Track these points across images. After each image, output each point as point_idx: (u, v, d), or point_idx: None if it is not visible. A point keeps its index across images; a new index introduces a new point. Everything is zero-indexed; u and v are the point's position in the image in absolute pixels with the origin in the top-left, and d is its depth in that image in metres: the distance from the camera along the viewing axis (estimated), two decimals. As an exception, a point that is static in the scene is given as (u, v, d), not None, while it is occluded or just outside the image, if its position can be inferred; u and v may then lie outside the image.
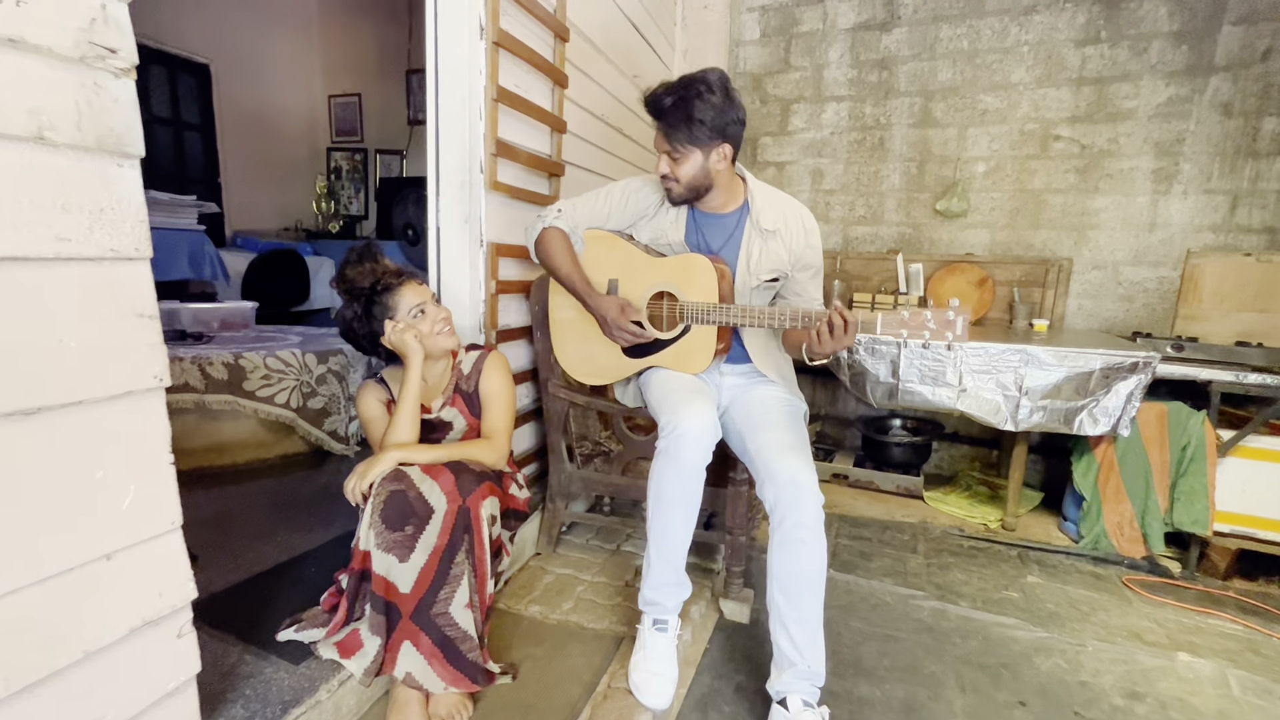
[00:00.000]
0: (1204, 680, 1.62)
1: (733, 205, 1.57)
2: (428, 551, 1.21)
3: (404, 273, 1.44)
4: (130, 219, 0.84)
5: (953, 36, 2.98)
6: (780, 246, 1.54)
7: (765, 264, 1.54)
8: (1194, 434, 2.16)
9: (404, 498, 1.21)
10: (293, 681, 1.17)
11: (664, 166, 1.46)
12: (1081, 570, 2.21)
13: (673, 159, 1.44)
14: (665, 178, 1.47)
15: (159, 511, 0.91)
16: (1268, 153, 2.57)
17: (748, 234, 1.55)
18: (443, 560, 1.21)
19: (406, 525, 1.20)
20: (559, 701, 1.34)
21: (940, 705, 1.49)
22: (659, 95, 1.40)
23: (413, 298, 1.40)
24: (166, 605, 0.92)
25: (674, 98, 1.38)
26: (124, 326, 0.85)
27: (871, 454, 2.99)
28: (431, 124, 1.71)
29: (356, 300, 1.41)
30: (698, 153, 1.42)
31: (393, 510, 1.21)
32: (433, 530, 1.23)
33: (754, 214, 1.54)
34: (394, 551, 1.20)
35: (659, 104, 1.40)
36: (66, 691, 0.82)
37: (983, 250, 3.05)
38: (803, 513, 1.27)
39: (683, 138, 1.40)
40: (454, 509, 1.23)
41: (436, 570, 1.21)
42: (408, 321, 1.38)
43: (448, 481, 1.25)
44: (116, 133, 0.82)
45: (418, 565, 1.20)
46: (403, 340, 1.36)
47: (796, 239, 1.55)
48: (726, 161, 1.46)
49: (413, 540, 1.20)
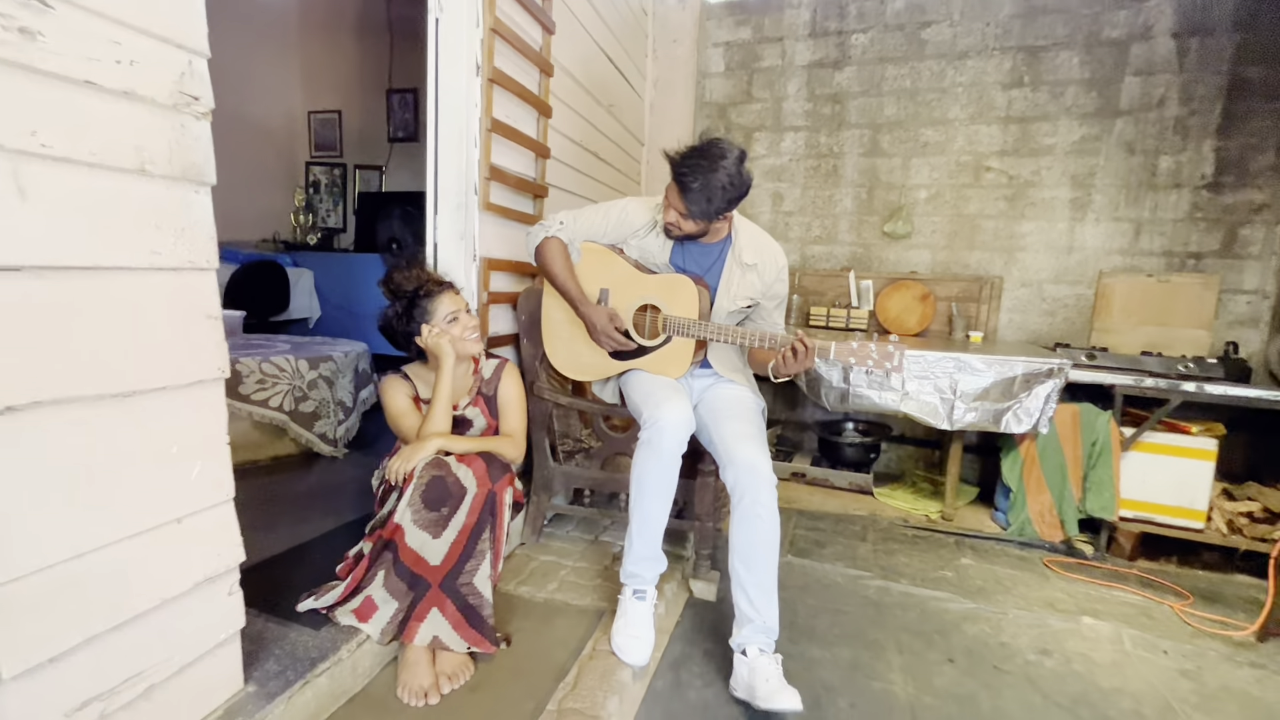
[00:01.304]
0: (1103, 639, 1.88)
1: (718, 238, 1.78)
2: (458, 529, 1.38)
3: (444, 282, 1.61)
4: (203, 235, 1.01)
5: (897, 76, 3.30)
6: (756, 279, 1.77)
7: (743, 292, 1.77)
8: (1101, 431, 2.46)
9: (443, 482, 1.38)
10: (316, 643, 1.32)
11: (672, 216, 1.65)
12: (1009, 554, 2.48)
13: (682, 218, 1.63)
14: (671, 224, 1.67)
15: (218, 484, 1.07)
16: (1164, 186, 2.94)
17: (729, 265, 1.78)
18: (471, 537, 1.39)
19: (443, 506, 1.37)
20: (550, 663, 1.52)
21: (881, 663, 1.71)
22: (685, 174, 1.54)
23: (449, 305, 1.57)
24: (222, 564, 1.08)
25: (699, 182, 1.53)
26: (197, 326, 1.01)
27: (827, 454, 3.25)
28: (431, 151, 1.89)
29: (399, 300, 1.58)
30: (705, 222, 1.64)
31: (433, 493, 1.38)
32: (464, 511, 1.40)
33: (737, 248, 1.77)
34: (429, 529, 1.37)
35: (685, 183, 1.56)
36: (147, 632, 0.97)
37: (925, 269, 3.36)
38: (759, 492, 1.49)
39: (698, 214, 1.60)
40: (483, 492, 1.41)
41: (465, 545, 1.38)
42: (442, 326, 1.55)
43: (480, 468, 1.43)
44: (197, 165, 0.99)
45: (449, 540, 1.37)
46: (439, 344, 1.53)
47: (769, 273, 1.79)
48: (727, 223, 1.71)
49: (446, 519, 1.37)
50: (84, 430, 0.86)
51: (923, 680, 1.64)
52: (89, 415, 0.87)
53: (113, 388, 0.89)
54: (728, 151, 1.55)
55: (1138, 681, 1.69)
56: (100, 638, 0.90)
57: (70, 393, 0.84)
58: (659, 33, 3.65)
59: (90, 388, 0.86)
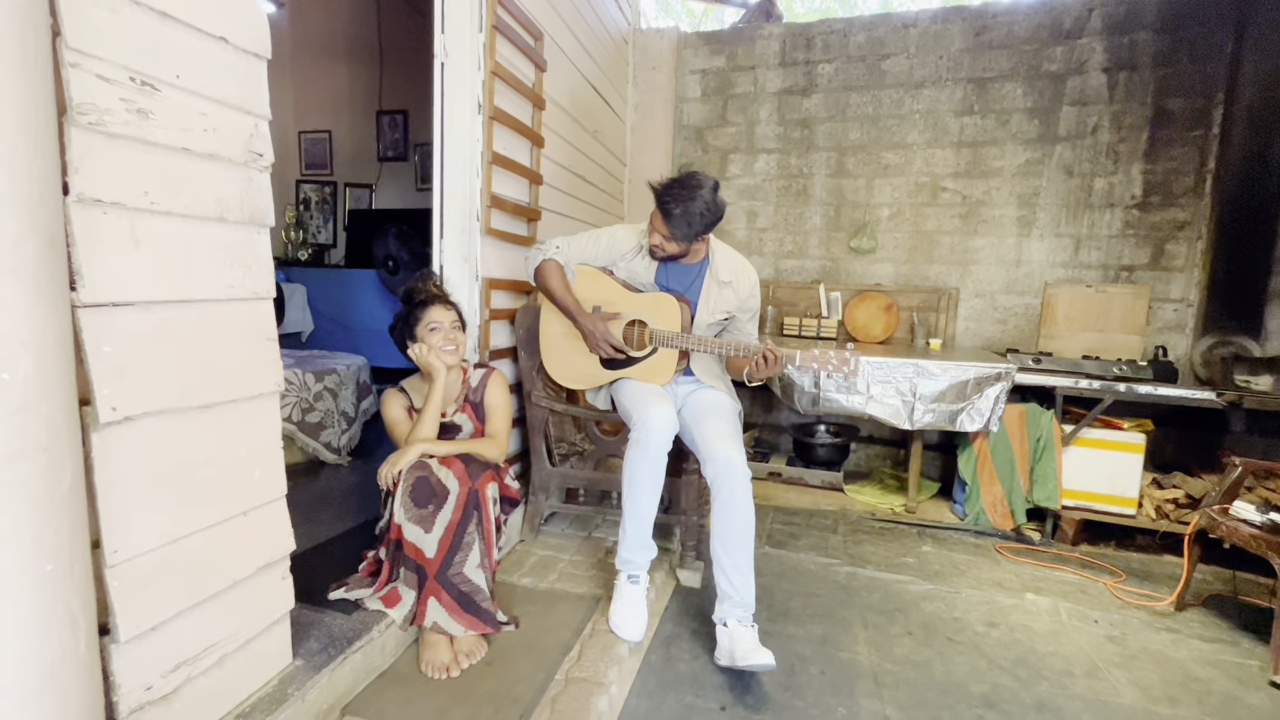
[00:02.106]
0: (1042, 611, 2.13)
1: (697, 259, 2.00)
2: (445, 524, 1.55)
3: (440, 296, 1.78)
4: (265, 269, 1.19)
5: (860, 103, 3.57)
6: (731, 295, 2.00)
7: (720, 306, 2.00)
8: (1045, 429, 2.73)
9: (427, 482, 1.56)
10: (349, 625, 1.49)
11: (656, 239, 1.87)
12: (965, 542, 2.73)
13: (665, 240, 1.86)
14: (655, 246, 1.88)
15: (274, 482, 1.24)
16: (1099, 205, 3.24)
17: (708, 283, 2.00)
18: (457, 531, 1.56)
19: (429, 504, 1.54)
20: (555, 641, 1.70)
21: (848, 637, 1.93)
22: (668, 201, 1.77)
23: (434, 315, 1.74)
24: (277, 552, 1.25)
25: (680, 208, 1.76)
26: (259, 346, 1.19)
27: (801, 455, 3.48)
28: (437, 181, 2.07)
29: (405, 306, 1.76)
30: (687, 244, 1.87)
31: (419, 492, 1.55)
32: (449, 507, 1.58)
33: (714, 268, 1.99)
34: (420, 524, 1.54)
35: (667, 209, 1.78)
36: (221, 608, 1.13)
37: (889, 281, 3.63)
38: (734, 484, 1.70)
39: (679, 236, 1.82)
40: (465, 490, 1.58)
41: (453, 539, 1.55)
42: (423, 334, 1.73)
43: (459, 469, 1.60)
44: (260, 210, 1.17)
45: (438, 535, 1.54)
46: (427, 361, 1.71)
47: (744, 290, 2.01)
48: (704, 244, 1.95)
49: (434, 515, 1.54)
50: (179, 436, 1.04)
51: (884, 650, 1.86)
52: (182, 423, 1.04)
53: (200, 400, 1.07)
54: (704, 181, 1.78)
55: (1070, 646, 1.93)
56: (188, 611, 1.07)
57: (168, 405, 1.01)
58: (639, 60, 3.88)
59: (184, 400, 1.04)
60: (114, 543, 0.94)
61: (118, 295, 0.93)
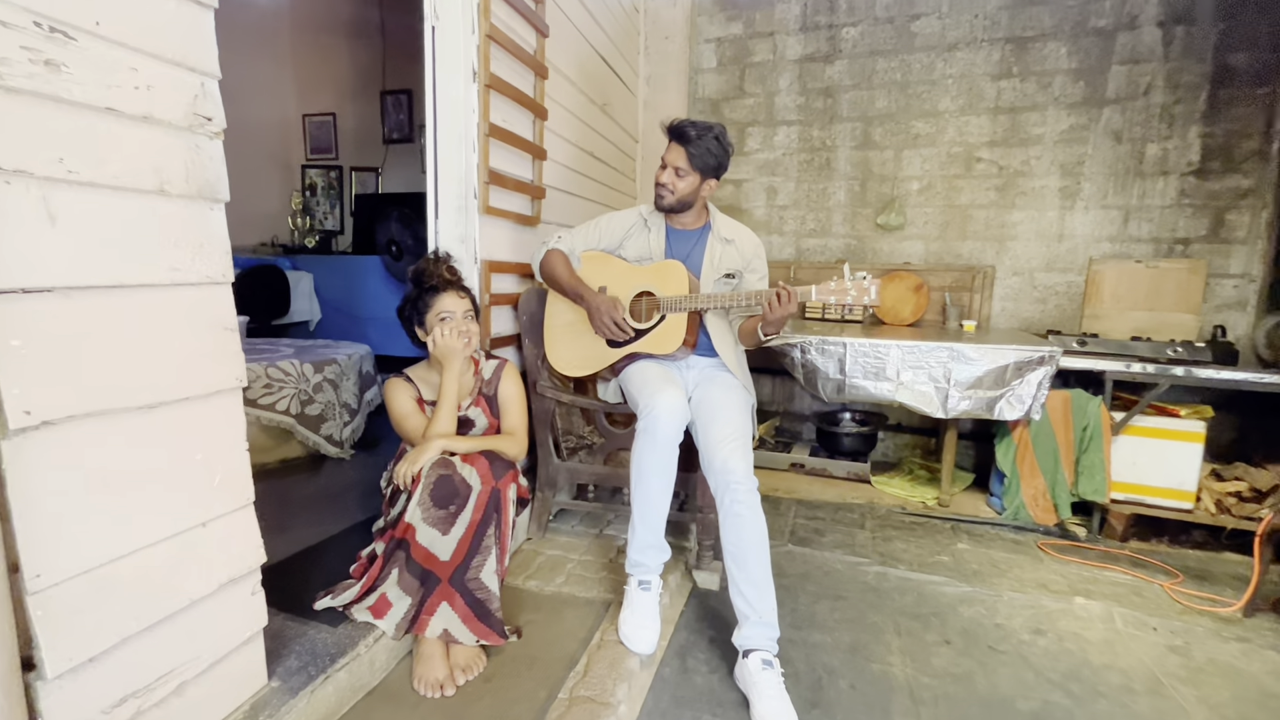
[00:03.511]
0: (1094, 618, 1.94)
1: (699, 224, 1.97)
2: (465, 526, 1.43)
3: (454, 282, 1.66)
4: (219, 250, 1.05)
5: (888, 69, 3.34)
6: (735, 252, 1.94)
7: (725, 263, 1.93)
8: (1092, 416, 2.52)
9: (450, 481, 1.43)
10: (334, 639, 1.37)
11: (665, 177, 1.82)
12: (1004, 538, 2.54)
13: (677, 175, 1.81)
14: (662, 185, 1.83)
15: (239, 489, 1.11)
16: (1151, 174, 2.99)
17: (711, 242, 1.94)
18: (477, 533, 1.44)
19: (451, 504, 1.42)
20: (560, 653, 1.57)
21: (879, 646, 1.77)
22: (684, 126, 1.77)
23: (446, 303, 1.61)
24: (244, 566, 1.13)
25: (696, 131, 1.76)
26: (215, 337, 1.05)
27: (824, 444, 3.30)
28: (430, 155, 1.92)
29: (414, 288, 1.64)
30: (697, 178, 1.82)
31: (441, 491, 1.43)
32: (470, 508, 1.45)
33: (715, 229, 1.96)
34: (438, 526, 1.42)
35: (684, 132, 1.77)
36: (177, 632, 1.01)
37: (918, 259, 3.41)
38: (736, 491, 1.54)
39: (696, 163, 1.78)
40: (488, 489, 1.46)
41: (471, 542, 1.43)
42: (433, 323, 1.60)
43: (483, 467, 1.48)
44: (211, 183, 1.03)
45: (456, 537, 1.42)
46: (445, 346, 1.57)
47: (748, 247, 1.97)
48: (710, 192, 1.88)
49: (454, 517, 1.42)
50: (117, 441, 0.91)
51: (920, 661, 1.70)
52: (120, 427, 0.91)
53: (140, 400, 0.93)
54: (715, 125, 1.81)
55: (1128, 658, 1.75)
56: (135, 638, 0.95)
57: (100, 406, 0.88)
58: (651, 29, 3.67)
59: (119, 401, 0.91)
60: (36, 566, 0.81)
61: (29, 280, 0.80)
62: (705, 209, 1.96)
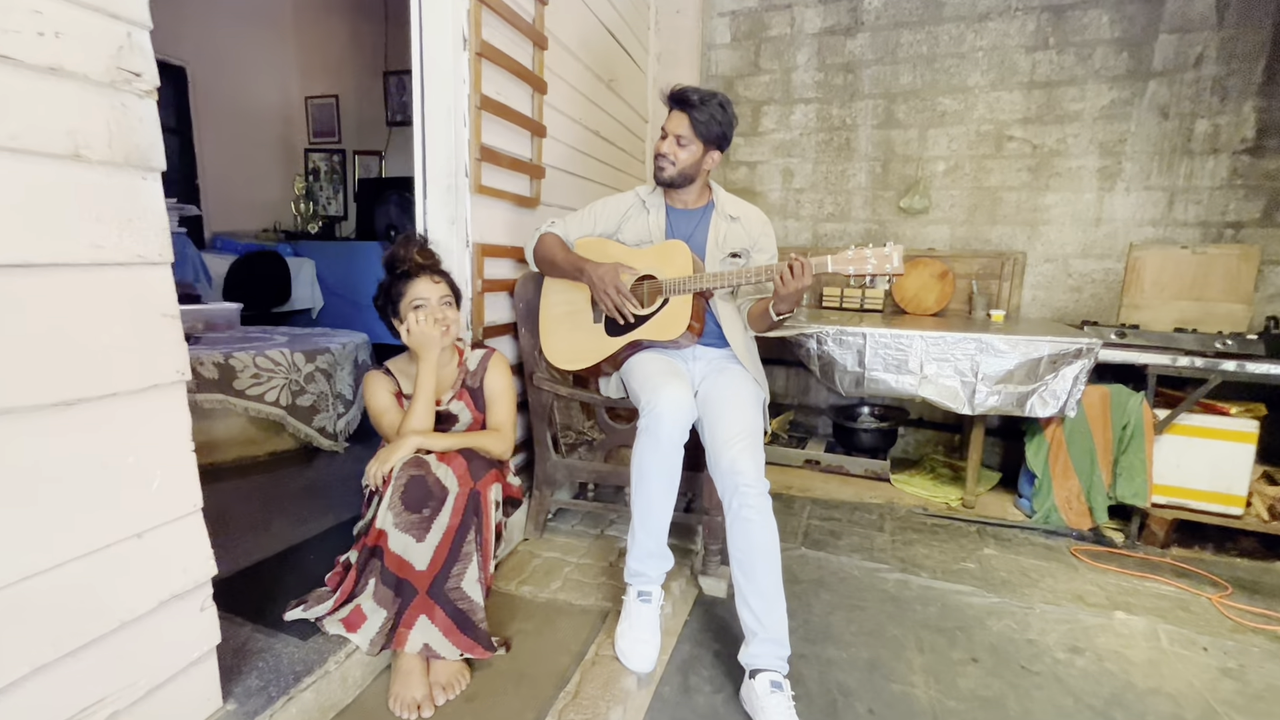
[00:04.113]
0: (1137, 635, 1.78)
1: (702, 202, 1.83)
2: (441, 531, 1.31)
3: (429, 266, 1.53)
4: (154, 227, 0.93)
5: (913, 42, 3.13)
6: (741, 230, 1.80)
7: (730, 242, 1.78)
8: (1133, 414, 2.33)
9: (423, 482, 1.31)
10: (302, 655, 1.26)
11: (666, 146, 1.69)
12: (1034, 542, 2.37)
13: (679, 144, 1.68)
14: (662, 156, 1.70)
15: (182, 494, 0.99)
16: (1200, 152, 2.76)
17: (715, 220, 1.81)
18: (455, 539, 1.31)
19: (424, 508, 1.30)
20: (550, 669, 1.45)
21: (900, 663, 1.62)
22: (688, 92, 1.65)
23: (420, 290, 1.49)
24: (190, 580, 1.01)
25: (700, 97, 1.64)
26: (150, 325, 0.93)
27: (841, 440, 3.14)
28: (418, 130, 1.79)
29: (388, 274, 1.52)
30: (700, 148, 1.68)
31: (413, 493, 1.31)
32: (446, 512, 1.33)
33: (719, 206, 1.83)
34: (411, 532, 1.30)
35: (686, 97, 1.65)
36: (106, 656, 0.90)
37: (943, 245, 3.22)
38: (744, 496, 1.39)
39: (700, 131, 1.65)
40: (465, 492, 1.33)
41: (450, 549, 1.31)
42: (407, 312, 1.47)
43: (460, 466, 1.35)
44: (141, 149, 0.90)
45: (433, 544, 1.30)
46: (419, 334, 1.45)
47: (754, 225, 1.83)
48: (713, 165, 1.73)
49: (429, 521, 1.30)
50: (24, 442, 0.79)
51: (946, 682, 1.56)
52: (25, 427, 0.79)
53: (54, 396, 0.82)
54: (719, 93, 1.70)
55: (1176, 681, 1.59)
56: (53, 666, 0.83)
57: (4, 403, 0.76)
58: (661, 3, 3.48)
59: (28, 397, 0.79)
60: (-82, 590, 0.70)
61: (-100, 256, 0.67)
62: (708, 187, 1.83)
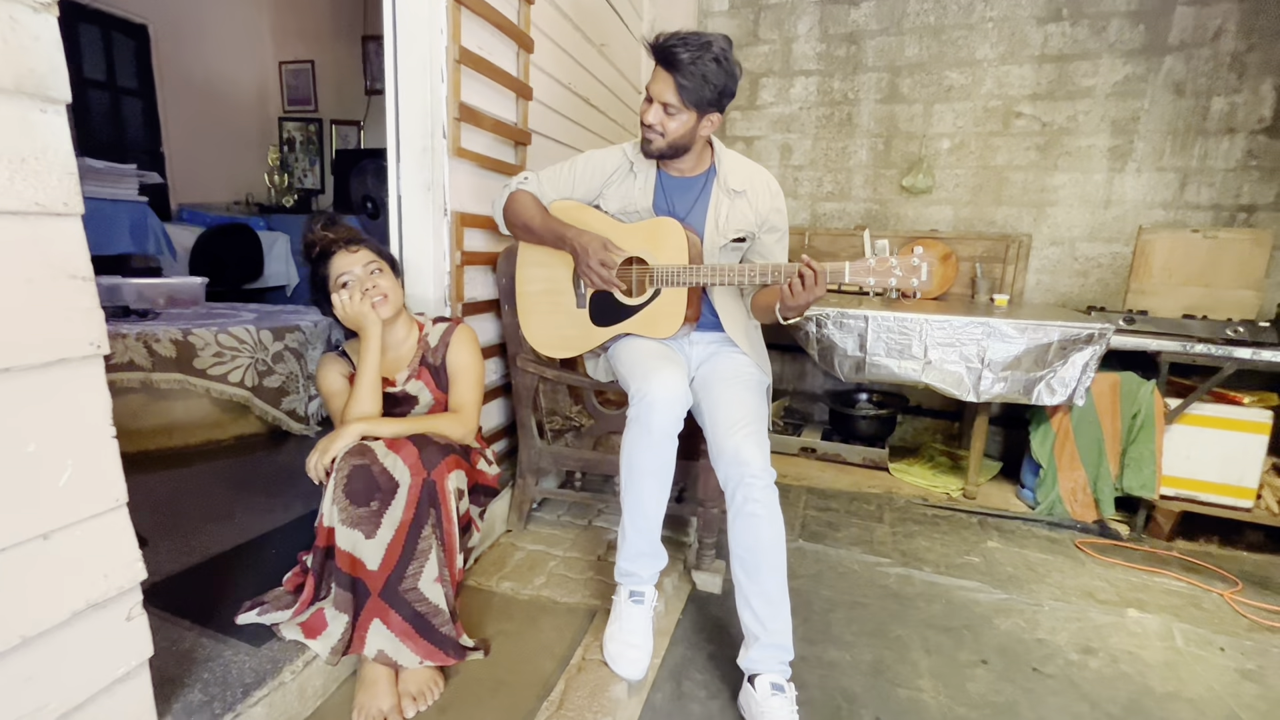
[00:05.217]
0: (1151, 634, 1.70)
1: (700, 168, 1.57)
2: (394, 527, 1.18)
3: (337, 240, 1.37)
4: (57, 170, 0.77)
5: (920, 11, 2.99)
6: (747, 207, 1.55)
7: (733, 223, 1.54)
8: (1144, 403, 2.24)
9: (368, 472, 1.17)
10: (254, 664, 1.13)
11: (652, 116, 1.42)
12: (1038, 535, 2.29)
13: (666, 112, 1.40)
14: (649, 128, 1.43)
15: (101, 488, 0.85)
16: (1215, 131, 2.66)
17: (715, 194, 1.55)
18: (409, 535, 1.18)
19: (371, 500, 1.16)
20: (533, 675, 1.33)
21: (906, 666, 1.52)
22: (673, 45, 1.34)
23: (339, 265, 1.34)
24: (113, 587, 0.87)
25: (690, 54, 1.33)
26: (54, 288, 0.78)
27: (838, 427, 3.04)
28: (390, 86, 1.63)
29: (309, 264, 1.36)
30: (693, 115, 1.41)
31: (356, 485, 1.17)
32: (398, 505, 1.20)
33: (721, 175, 1.55)
34: (360, 527, 1.17)
35: (672, 55, 1.34)
36: (13, 675, 0.76)
37: (947, 226, 3.10)
38: (750, 489, 1.26)
39: (688, 97, 1.37)
40: (419, 482, 1.19)
41: (404, 545, 1.18)
42: (336, 293, 1.33)
43: (410, 454, 1.21)
44: (38, 74, 0.75)
45: (384, 541, 1.17)
46: (358, 313, 1.31)
47: (762, 200, 1.56)
48: (712, 129, 1.48)
49: (378, 516, 1.17)
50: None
51: (955, 686, 1.46)
52: (-118, 409, 0.65)
53: (-78, 371, 0.67)
54: (715, 37, 1.38)
55: (1196, 685, 1.50)
56: (-69, 694, 0.70)
57: None
58: (656, -34, 3.30)
59: (-118, 372, 0.64)
60: None
61: None
62: (709, 146, 1.56)
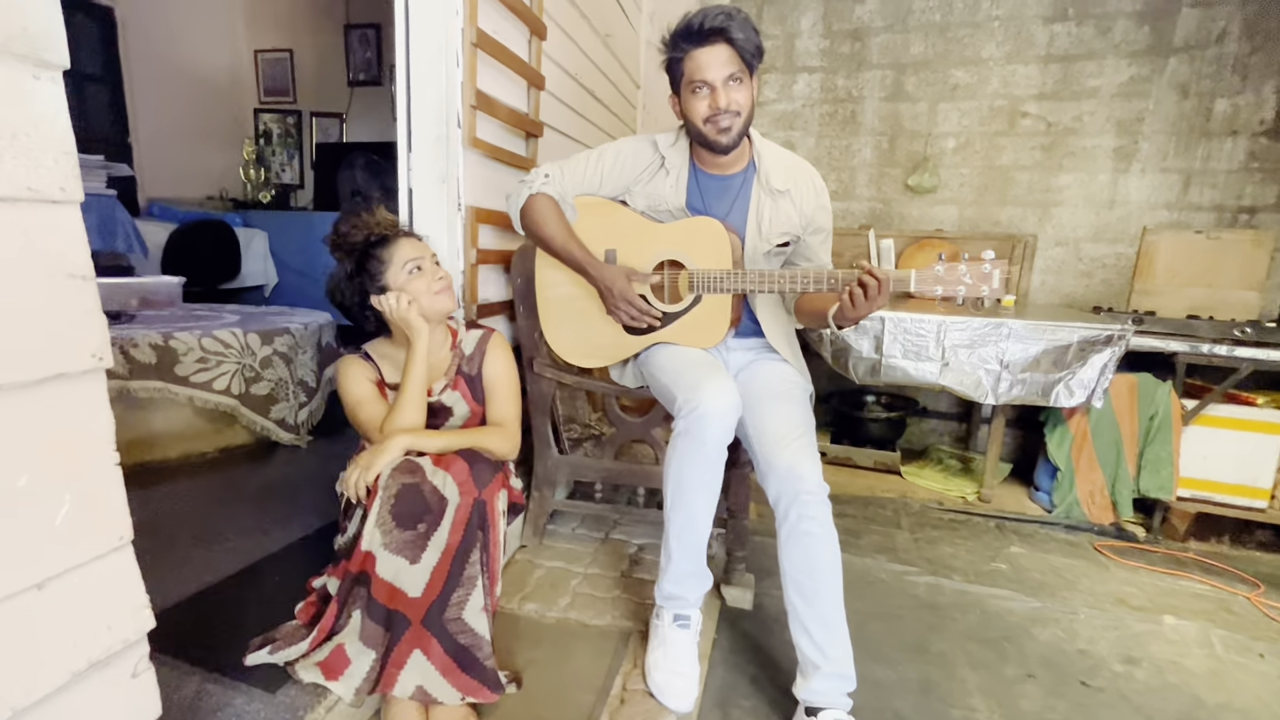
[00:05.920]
0: (1190, 642, 1.67)
1: (739, 165, 1.45)
2: (439, 550, 1.07)
3: (401, 226, 1.28)
4: (53, 149, 0.65)
5: (925, 9, 2.95)
6: (791, 208, 1.43)
7: (777, 227, 1.43)
8: (1161, 404, 2.23)
9: (417, 491, 1.06)
10: (269, 713, 1.00)
11: (725, 99, 1.28)
12: (1056, 538, 2.26)
13: (736, 84, 1.29)
14: (723, 113, 1.29)
15: (103, 524, 0.72)
16: (1219, 133, 2.68)
17: (756, 195, 1.43)
18: (455, 560, 1.07)
19: (419, 523, 1.05)
20: (572, 711, 1.22)
21: (954, 683, 1.46)
22: (719, 14, 1.23)
23: (409, 251, 1.24)
24: (118, 640, 0.74)
25: (724, 15, 1.23)
26: (50, 289, 0.66)
27: (847, 430, 2.99)
28: (402, 72, 1.50)
29: (349, 257, 1.23)
30: (752, 82, 1.32)
31: (405, 506, 1.06)
32: (445, 527, 1.09)
33: (762, 174, 1.43)
34: (404, 553, 1.05)
35: (725, 27, 1.23)
36: (-10, 761, 0.64)
37: (951, 226, 3.08)
38: (806, 506, 1.18)
39: (749, 59, 1.27)
40: (469, 502, 1.08)
41: (449, 571, 1.07)
42: (402, 279, 1.22)
43: (461, 471, 1.10)
44: (30, 33, 0.62)
45: (429, 566, 1.06)
46: (407, 315, 1.19)
47: (807, 200, 1.44)
48: (746, 145, 1.41)
49: (424, 539, 1.06)
50: None
51: (1008, 704, 1.40)
52: None
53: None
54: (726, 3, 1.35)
55: (1245, 694, 1.47)
56: (-99, 789, 0.57)
57: None
58: (656, -43, 3.21)
59: None
60: None
61: None
62: (747, 140, 1.42)
